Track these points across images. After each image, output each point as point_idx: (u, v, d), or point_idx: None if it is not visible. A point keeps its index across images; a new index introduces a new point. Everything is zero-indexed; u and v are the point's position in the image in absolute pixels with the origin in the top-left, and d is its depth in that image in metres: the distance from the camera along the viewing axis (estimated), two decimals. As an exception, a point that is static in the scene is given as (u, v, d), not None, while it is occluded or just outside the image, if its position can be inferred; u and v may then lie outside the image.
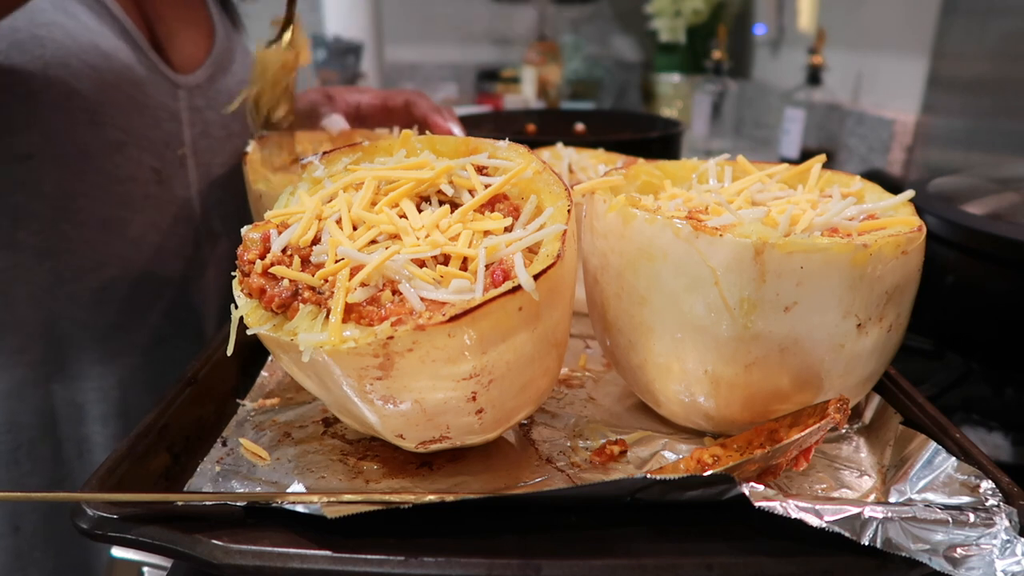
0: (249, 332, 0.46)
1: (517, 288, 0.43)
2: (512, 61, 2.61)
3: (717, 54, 2.12)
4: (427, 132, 0.61)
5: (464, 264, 0.46)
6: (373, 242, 0.47)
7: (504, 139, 0.56)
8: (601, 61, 2.79)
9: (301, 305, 0.45)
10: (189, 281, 0.93)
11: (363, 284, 0.44)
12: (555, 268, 0.44)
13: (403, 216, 0.50)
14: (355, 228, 0.48)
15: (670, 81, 2.42)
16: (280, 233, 0.49)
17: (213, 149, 0.93)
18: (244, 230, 0.51)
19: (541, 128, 1.46)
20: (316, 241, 0.48)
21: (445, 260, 0.46)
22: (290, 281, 0.46)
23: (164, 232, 0.88)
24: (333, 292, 0.44)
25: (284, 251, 0.48)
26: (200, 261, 0.94)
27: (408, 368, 0.43)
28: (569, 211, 0.48)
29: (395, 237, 0.48)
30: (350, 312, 0.43)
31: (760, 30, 2.36)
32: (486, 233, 0.48)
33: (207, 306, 0.97)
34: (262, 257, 0.48)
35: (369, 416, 0.46)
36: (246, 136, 0.97)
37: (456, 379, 0.44)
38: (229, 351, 0.47)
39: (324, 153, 0.57)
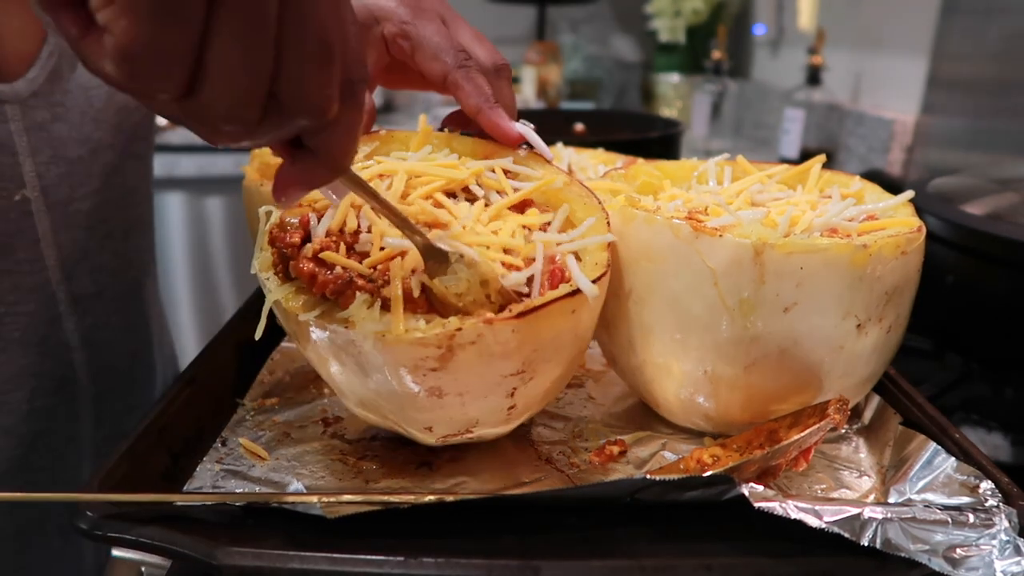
0: (301, 319, 0.45)
1: (576, 291, 0.44)
2: (512, 61, 2.60)
3: (717, 54, 2.12)
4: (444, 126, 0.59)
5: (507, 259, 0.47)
6: None
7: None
8: (601, 61, 2.79)
9: (357, 293, 0.44)
10: (46, 373, 0.70)
11: (413, 271, 0.44)
12: (606, 277, 0.47)
13: (439, 207, 0.50)
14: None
15: (670, 81, 2.42)
16: (320, 219, 0.48)
17: (73, 177, 0.67)
18: (268, 211, 0.50)
19: (541, 128, 1.45)
20: (363, 229, 0.48)
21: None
22: (343, 268, 0.45)
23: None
24: (386, 280, 0.44)
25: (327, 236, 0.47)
26: (60, 342, 0.70)
27: (466, 361, 0.43)
28: (608, 223, 0.50)
29: (437, 228, 0.48)
30: (407, 302, 0.44)
31: (760, 30, 2.36)
32: (526, 227, 0.49)
33: (82, 400, 0.73)
34: (302, 242, 0.47)
35: (404, 407, 0.47)
36: (129, 144, 0.73)
37: (504, 374, 0.45)
38: (258, 335, 0.47)
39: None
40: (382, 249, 0.46)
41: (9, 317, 0.66)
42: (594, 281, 0.45)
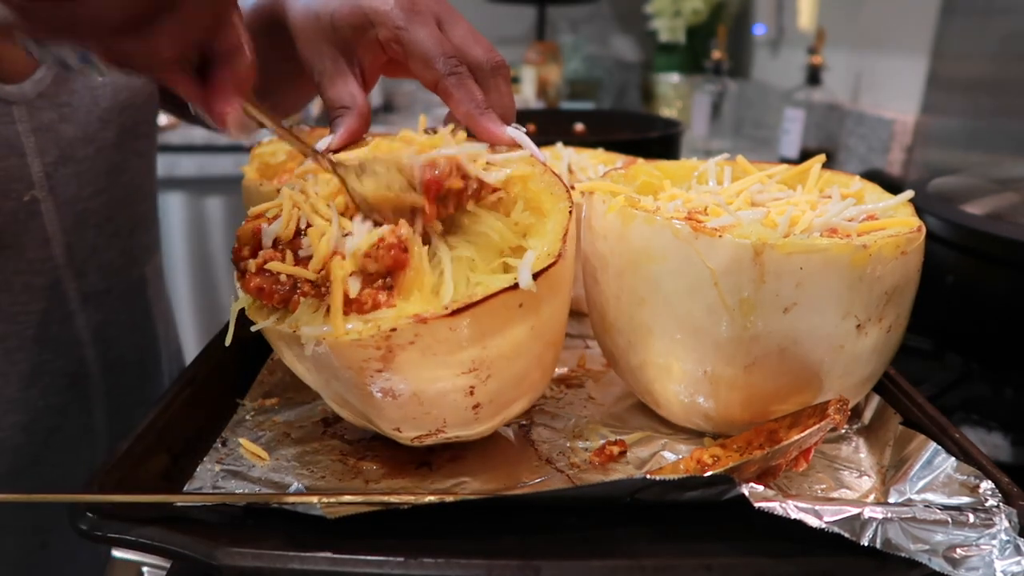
0: (253, 329, 0.46)
1: (515, 286, 0.43)
2: (512, 61, 2.60)
3: (717, 54, 2.12)
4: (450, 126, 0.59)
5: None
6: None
7: None
8: (601, 61, 2.79)
9: (302, 299, 0.45)
10: (60, 370, 0.71)
11: (353, 274, 0.44)
12: (556, 267, 0.45)
13: None
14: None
15: (670, 81, 2.42)
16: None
17: (80, 176, 0.68)
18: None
19: (541, 128, 1.46)
20: (302, 232, 0.48)
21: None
22: (287, 275, 0.46)
23: (13, 315, 0.65)
24: (329, 285, 0.44)
25: (275, 246, 0.48)
26: (72, 339, 0.71)
27: (409, 361, 0.43)
28: (570, 212, 0.48)
29: None
30: (350, 304, 0.43)
31: (760, 30, 2.36)
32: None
33: (94, 395, 0.75)
34: (254, 253, 0.48)
35: (368, 408, 0.47)
36: (132, 142, 0.74)
37: (455, 373, 0.45)
38: (227, 342, 0.47)
39: (332, 153, 0.57)
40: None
41: (23, 316, 0.67)
42: (537, 274, 0.43)
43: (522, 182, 0.51)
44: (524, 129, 0.55)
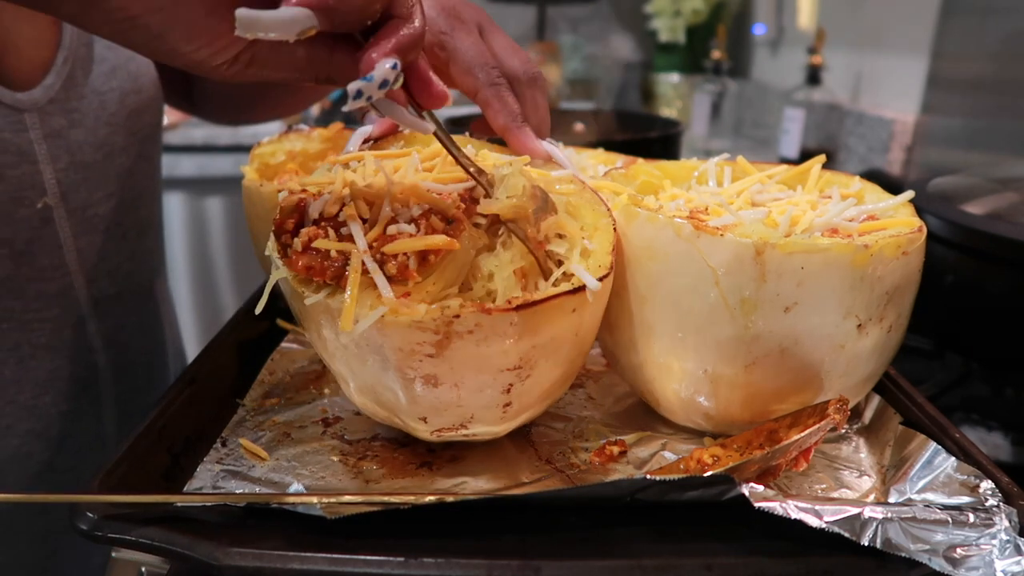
0: (307, 302, 0.45)
1: (581, 288, 0.45)
2: (512, 61, 2.60)
3: (716, 54, 2.12)
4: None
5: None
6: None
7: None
8: (601, 61, 2.79)
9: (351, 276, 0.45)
10: (72, 376, 0.70)
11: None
12: (608, 278, 0.47)
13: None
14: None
15: (670, 81, 2.42)
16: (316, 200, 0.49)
17: (90, 181, 0.68)
18: (280, 196, 0.50)
19: (541, 128, 1.45)
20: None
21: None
22: (337, 252, 0.45)
23: (26, 323, 0.64)
24: (382, 258, 0.44)
25: (317, 221, 0.47)
26: (84, 345, 0.71)
27: (462, 349, 0.44)
28: (614, 228, 0.50)
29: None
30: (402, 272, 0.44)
31: (759, 30, 2.36)
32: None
33: (105, 400, 0.75)
34: (295, 229, 0.48)
35: (401, 395, 0.47)
36: (140, 146, 0.75)
37: (500, 368, 0.45)
38: (258, 310, 0.48)
39: (373, 141, 0.58)
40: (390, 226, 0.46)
41: (36, 323, 0.67)
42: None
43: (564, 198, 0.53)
44: (559, 144, 0.56)
